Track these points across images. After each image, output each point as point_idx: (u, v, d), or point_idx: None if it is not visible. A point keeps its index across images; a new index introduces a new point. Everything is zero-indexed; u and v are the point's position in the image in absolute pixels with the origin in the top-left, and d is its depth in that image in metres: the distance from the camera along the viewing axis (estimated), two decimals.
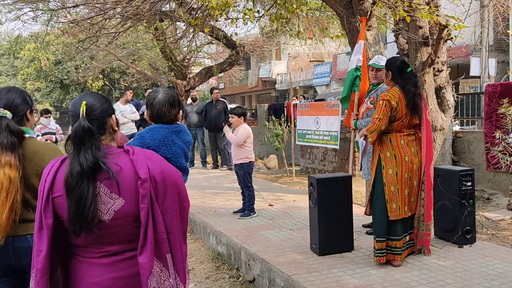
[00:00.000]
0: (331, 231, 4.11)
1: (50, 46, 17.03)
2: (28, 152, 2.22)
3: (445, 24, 5.82)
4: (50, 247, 1.65)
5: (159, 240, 1.67)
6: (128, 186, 1.65)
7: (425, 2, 6.10)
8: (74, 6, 9.78)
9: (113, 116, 1.81)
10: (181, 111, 2.55)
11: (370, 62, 4.85)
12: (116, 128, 1.81)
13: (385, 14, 9.10)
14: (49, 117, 9.57)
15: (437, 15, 5.82)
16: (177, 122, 2.50)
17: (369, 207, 4.08)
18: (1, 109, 2.22)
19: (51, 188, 1.67)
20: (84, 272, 1.69)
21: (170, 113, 2.44)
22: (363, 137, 4.29)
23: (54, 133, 9.26)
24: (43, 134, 8.98)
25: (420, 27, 6.30)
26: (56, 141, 9.04)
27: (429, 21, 6.04)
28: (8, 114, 2.22)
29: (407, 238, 3.93)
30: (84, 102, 1.68)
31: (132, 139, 2.50)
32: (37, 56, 22.64)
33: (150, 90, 6.76)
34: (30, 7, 9.90)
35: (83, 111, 1.67)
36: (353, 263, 3.92)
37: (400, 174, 3.77)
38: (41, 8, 9.89)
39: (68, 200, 1.62)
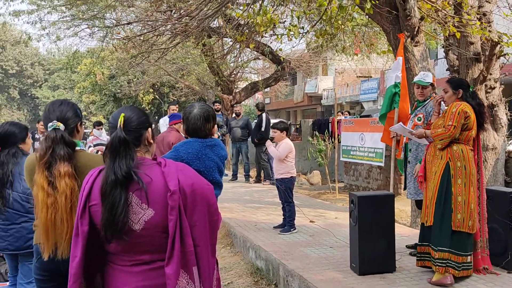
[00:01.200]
0: (372, 250, 4.01)
1: (105, 61, 17.83)
2: (80, 165, 2.27)
3: (497, 40, 5.61)
4: (85, 254, 1.71)
5: (186, 253, 1.69)
6: (158, 197, 1.69)
7: (477, 18, 5.91)
8: (127, 24, 10.25)
9: (149, 129, 1.86)
10: (216, 126, 2.60)
11: (416, 79, 4.68)
12: (151, 141, 1.87)
13: (434, 29, 8.89)
14: (101, 129, 10.02)
15: (489, 31, 5.63)
16: (212, 136, 2.55)
17: (427, 215, 3.92)
18: (55, 121, 2.28)
19: (88, 196, 1.74)
20: (117, 279, 1.74)
21: (205, 128, 2.50)
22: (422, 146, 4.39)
23: (105, 145, 9.65)
24: (94, 145, 9.39)
25: (471, 43, 6.11)
26: None
27: (480, 37, 5.85)
28: (61, 126, 2.27)
29: (468, 258, 3.76)
30: (122, 114, 1.77)
31: (167, 152, 2.58)
32: (93, 71, 23.75)
33: None
34: (87, 24, 10.48)
35: (121, 123, 1.75)
36: (394, 284, 3.80)
37: (468, 186, 3.77)
38: (97, 25, 10.44)
39: (102, 206, 1.68)
